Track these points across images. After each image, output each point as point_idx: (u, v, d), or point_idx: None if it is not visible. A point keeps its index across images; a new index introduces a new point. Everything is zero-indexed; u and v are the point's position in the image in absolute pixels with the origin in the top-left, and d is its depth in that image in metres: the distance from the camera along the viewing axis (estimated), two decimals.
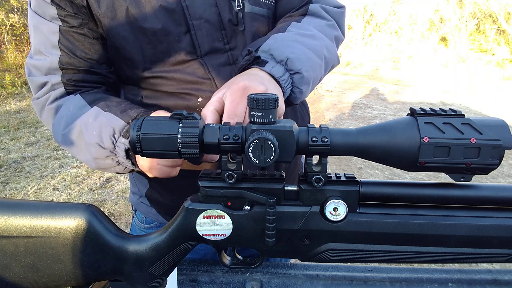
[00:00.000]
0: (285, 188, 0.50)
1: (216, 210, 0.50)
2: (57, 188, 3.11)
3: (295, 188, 0.50)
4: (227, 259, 0.56)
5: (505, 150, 0.44)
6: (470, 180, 0.47)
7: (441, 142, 0.43)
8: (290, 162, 0.47)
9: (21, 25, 7.07)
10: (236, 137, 0.46)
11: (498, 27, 8.85)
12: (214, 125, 0.48)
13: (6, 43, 6.85)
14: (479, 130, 0.43)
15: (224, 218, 0.50)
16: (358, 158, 0.48)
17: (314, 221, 0.50)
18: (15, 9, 7.10)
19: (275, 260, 0.86)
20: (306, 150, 0.47)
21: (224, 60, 0.73)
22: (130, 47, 0.71)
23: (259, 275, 0.71)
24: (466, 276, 0.70)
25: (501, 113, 5.17)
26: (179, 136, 0.46)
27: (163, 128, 0.47)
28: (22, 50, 7.02)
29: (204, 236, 0.51)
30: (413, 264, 0.76)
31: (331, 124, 4.86)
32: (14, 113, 5.04)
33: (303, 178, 0.50)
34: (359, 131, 0.47)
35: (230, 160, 0.50)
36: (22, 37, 7.13)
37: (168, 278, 0.58)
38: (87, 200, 2.93)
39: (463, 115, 0.45)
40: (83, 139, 0.66)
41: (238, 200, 0.50)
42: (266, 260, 0.78)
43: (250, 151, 0.44)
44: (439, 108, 0.46)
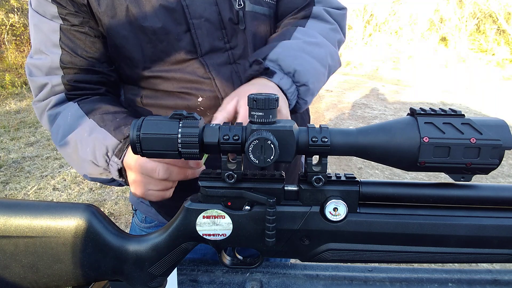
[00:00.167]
0: (285, 188, 0.50)
1: (216, 210, 0.50)
2: (57, 188, 3.11)
3: (295, 188, 0.50)
4: (227, 259, 0.56)
5: (505, 150, 0.44)
6: (470, 180, 0.47)
7: (441, 142, 0.44)
8: (290, 162, 0.47)
9: (21, 25, 7.08)
10: (236, 137, 0.46)
11: (498, 27, 8.85)
12: (214, 125, 0.48)
13: (6, 43, 6.85)
14: (479, 130, 0.44)
15: (224, 218, 0.50)
16: (358, 158, 0.48)
17: (314, 221, 0.50)
18: (15, 9, 7.10)
19: (275, 260, 0.86)
20: (306, 150, 0.47)
21: (225, 59, 0.73)
22: (130, 46, 0.70)
23: (259, 275, 0.71)
24: (466, 276, 0.70)
25: (501, 113, 5.17)
26: (179, 136, 0.46)
27: (163, 128, 0.47)
28: (22, 50, 7.02)
29: (204, 236, 0.51)
30: (413, 264, 0.76)
31: (331, 124, 4.86)
32: (14, 113, 5.04)
33: (303, 178, 0.50)
34: (359, 131, 0.47)
35: (230, 160, 0.50)
36: (22, 37, 7.13)
37: (168, 278, 0.58)
38: (87, 200, 2.93)
39: (463, 115, 0.45)
40: (78, 154, 0.66)
41: (238, 200, 0.50)
42: (266, 260, 0.78)
43: (250, 151, 0.44)
44: (439, 108, 0.46)
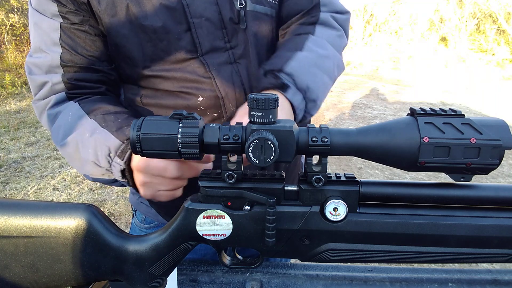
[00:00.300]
0: (285, 188, 0.50)
1: (216, 210, 0.50)
2: (57, 188, 3.11)
3: (295, 188, 0.50)
4: (227, 259, 0.56)
5: (505, 150, 0.44)
6: (470, 180, 0.47)
7: (441, 142, 0.44)
8: (290, 162, 0.47)
9: (21, 25, 7.07)
10: (236, 137, 0.46)
11: (498, 27, 8.85)
12: (214, 125, 0.48)
13: (6, 43, 6.85)
14: (479, 130, 0.44)
15: (224, 218, 0.50)
16: (358, 158, 0.48)
17: (314, 221, 0.50)
18: (15, 9, 7.10)
19: (275, 260, 0.86)
20: (306, 150, 0.47)
21: (225, 59, 0.73)
22: (130, 45, 0.70)
23: (259, 275, 0.71)
24: (466, 276, 0.70)
25: (501, 113, 5.16)
26: (179, 136, 0.46)
27: (163, 128, 0.47)
28: (22, 50, 7.02)
29: (204, 236, 0.51)
30: (413, 264, 0.76)
31: (331, 124, 4.86)
32: (14, 113, 5.03)
33: (303, 178, 0.50)
34: (359, 131, 0.47)
35: (230, 160, 0.50)
36: (22, 37, 7.13)
37: (168, 278, 0.58)
38: (87, 200, 2.93)
39: (463, 115, 0.45)
40: (80, 154, 0.66)
41: (238, 200, 0.50)
42: (266, 260, 0.78)
43: (250, 151, 0.44)
44: (439, 108, 0.46)
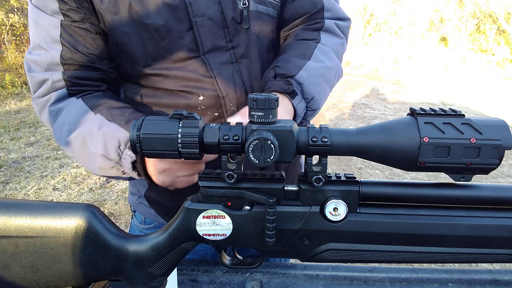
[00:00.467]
0: (285, 188, 0.50)
1: (216, 210, 0.50)
2: (57, 188, 3.11)
3: (295, 188, 0.50)
4: (227, 259, 0.56)
5: (505, 150, 0.44)
6: (470, 180, 0.47)
7: (441, 142, 0.44)
8: (290, 162, 0.47)
9: (21, 25, 7.08)
10: (236, 137, 0.46)
11: (498, 27, 8.84)
12: (214, 125, 0.48)
13: (6, 43, 6.85)
14: (479, 130, 0.44)
15: (224, 218, 0.50)
16: (358, 158, 0.48)
17: (314, 221, 0.50)
18: (15, 9, 7.11)
19: (275, 260, 0.86)
20: (306, 150, 0.47)
21: (226, 59, 0.73)
22: (132, 43, 0.70)
23: (259, 275, 0.71)
24: (466, 276, 0.70)
25: (501, 113, 5.16)
26: (179, 136, 0.46)
27: (163, 128, 0.47)
28: (22, 50, 7.02)
29: (204, 236, 0.51)
30: (413, 264, 0.76)
31: (331, 124, 4.86)
32: (14, 113, 5.04)
33: (303, 178, 0.50)
34: (359, 131, 0.47)
35: (230, 160, 0.50)
36: (22, 37, 7.14)
37: (168, 278, 0.58)
38: (87, 200, 2.93)
39: (463, 115, 0.45)
40: (87, 148, 0.65)
41: (238, 200, 0.50)
42: (266, 260, 0.78)
43: (250, 151, 0.44)
44: (439, 108, 0.46)
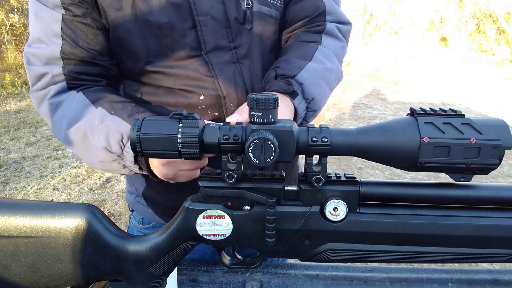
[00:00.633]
0: (285, 188, 0.50)
1: (216, 210, 0.50)
2: (57, 188, 3.11)
3: (295, 188, 0.50)
4: (227, 259, 0.56)
5: (505, 150, 0.44)
6: (470, 180, 0.47)
7: (441, 142, 0.44)
8: (290, 162, 0.47)
9: (21, 25, 7.08)
10: (236, 137, 0.46)
11: (498, 27, 8.84)
12: (214, 125, 0.48)
13: (6, 43, 6.85)
14: (479, 130, 0.44)
15: (224, 218, 0.50)
16: (358, 158, 0.48)
17: (314, 221, 0.50)
18: (15, 9, 7.10)
19: (275, 260, 0.86)
20: (306, 150, 0.47)
21: (228, 58, 0.73)
22: (135, 40, 0.70)
23: (259, 275, 0.71)
24: (466, 276, 0.70)
25: (501, 113, 5.16)
26: (179, 136, 0.46)
27: (163, 128, 0.47)
28: (22, 50, 7.01)
29: (204, 236, 0.51)
30: (413, 264, 0.76)
31: (331, 124, 4.86)
32: (14, 113, 5.03)
33: (303, 178, 0.50)
34: (359, 131, 0.47)
35: (230, 160, 0.50)
36: (22, 37, 7.14)
37: (168, 278, 0.58)
38: (87, 200, 2.93)
39: (463, 115, 0.45)
40: (89, 141, 0.65)
41: (238, 200, 0.50)
42: (266, 260, 0.78)
43: (250, 151, 0.44)
44: (439, 108, 0.46)
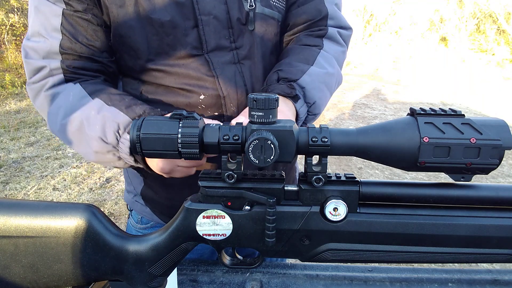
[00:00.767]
0: (285, 188, 0.50)
1: (216, 210, 0.50)
2: (57, 188, 3.11)
3: (295, 188, 0.50)
4: (227, 259, 0.56)
5: (505, 150, 0.44)
6: (470, 180, 0.47)
7: (441, 142, 0.44)
8: (290, 162, 0.47)
9: (21, 25, 7.07)
10: (236, 137, 0.46)
11: (498, 27, 8.84)
12: (214, 125, 0.48)
13: (6, 43, 6.85)
14: (479, 130, 0.44)
15: (224, 218, 0.50)
16: (358, 158, 0.48)
17: (314, 221, 0.50)
18: (15, 9, 7.10)
19: (275, 260, 0.86)
20: (306, 150, 0.47)
21: (229, 59, 0.73)
22: (136, 37, 0.70)
23: (259, 275, 0.71)
24: (466, 276, 0.70)
25: (501, 113, 5.16)
26: (179, 136, 0.46)
27: (163, 128, 0.47)
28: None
29: (204, 236, 0.51)
30: (413, 264, 0.76)
31: (331, 124, 4.86)
32: (14, 113, 5.03)
33: (303, 178, 0.50)
34: (359, 131, 0.47)
35: (230, 160, 0.50)
36: (22, 37, 7.13)
37: (168, 278, 0.58)
38: (87, 200, 2.93)
39: (463, 115, 0.45)
40: (84, 131, 0.65)
41: (238, 200, 0.50)
42: (266, 260, 0.78)
43: (250, 151, 0.44)
44: (439, 108, 0.46)
